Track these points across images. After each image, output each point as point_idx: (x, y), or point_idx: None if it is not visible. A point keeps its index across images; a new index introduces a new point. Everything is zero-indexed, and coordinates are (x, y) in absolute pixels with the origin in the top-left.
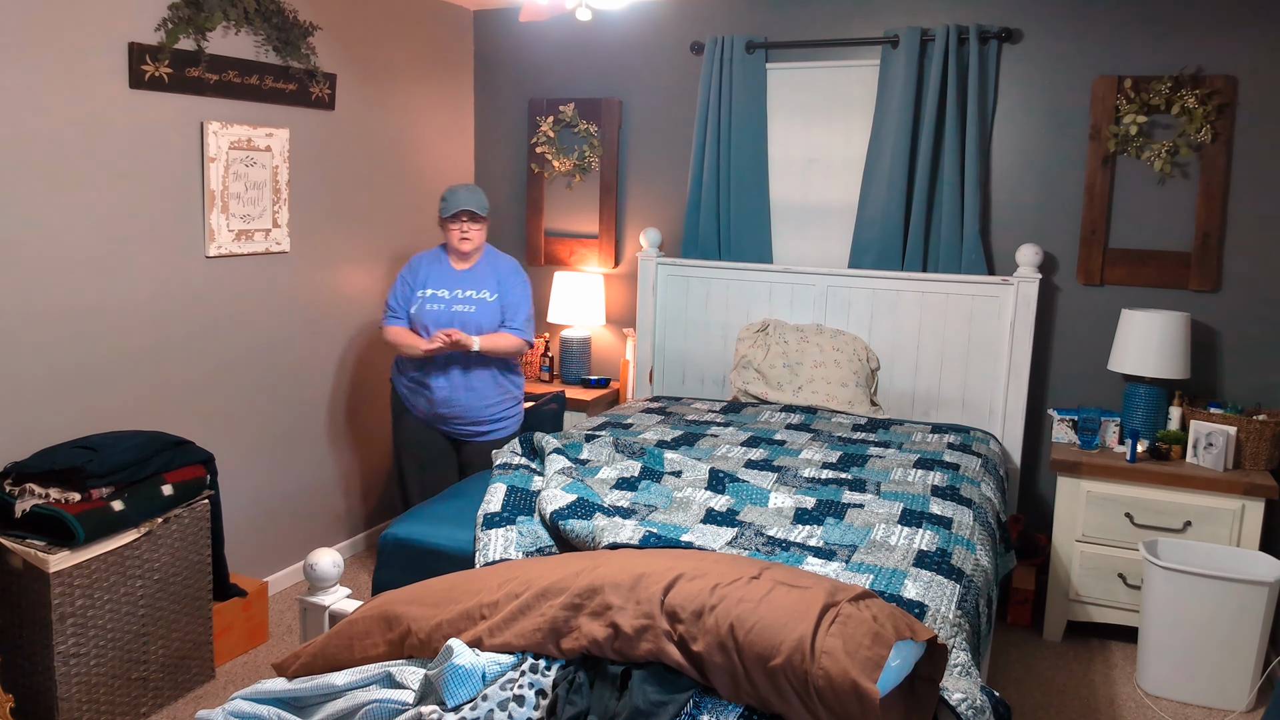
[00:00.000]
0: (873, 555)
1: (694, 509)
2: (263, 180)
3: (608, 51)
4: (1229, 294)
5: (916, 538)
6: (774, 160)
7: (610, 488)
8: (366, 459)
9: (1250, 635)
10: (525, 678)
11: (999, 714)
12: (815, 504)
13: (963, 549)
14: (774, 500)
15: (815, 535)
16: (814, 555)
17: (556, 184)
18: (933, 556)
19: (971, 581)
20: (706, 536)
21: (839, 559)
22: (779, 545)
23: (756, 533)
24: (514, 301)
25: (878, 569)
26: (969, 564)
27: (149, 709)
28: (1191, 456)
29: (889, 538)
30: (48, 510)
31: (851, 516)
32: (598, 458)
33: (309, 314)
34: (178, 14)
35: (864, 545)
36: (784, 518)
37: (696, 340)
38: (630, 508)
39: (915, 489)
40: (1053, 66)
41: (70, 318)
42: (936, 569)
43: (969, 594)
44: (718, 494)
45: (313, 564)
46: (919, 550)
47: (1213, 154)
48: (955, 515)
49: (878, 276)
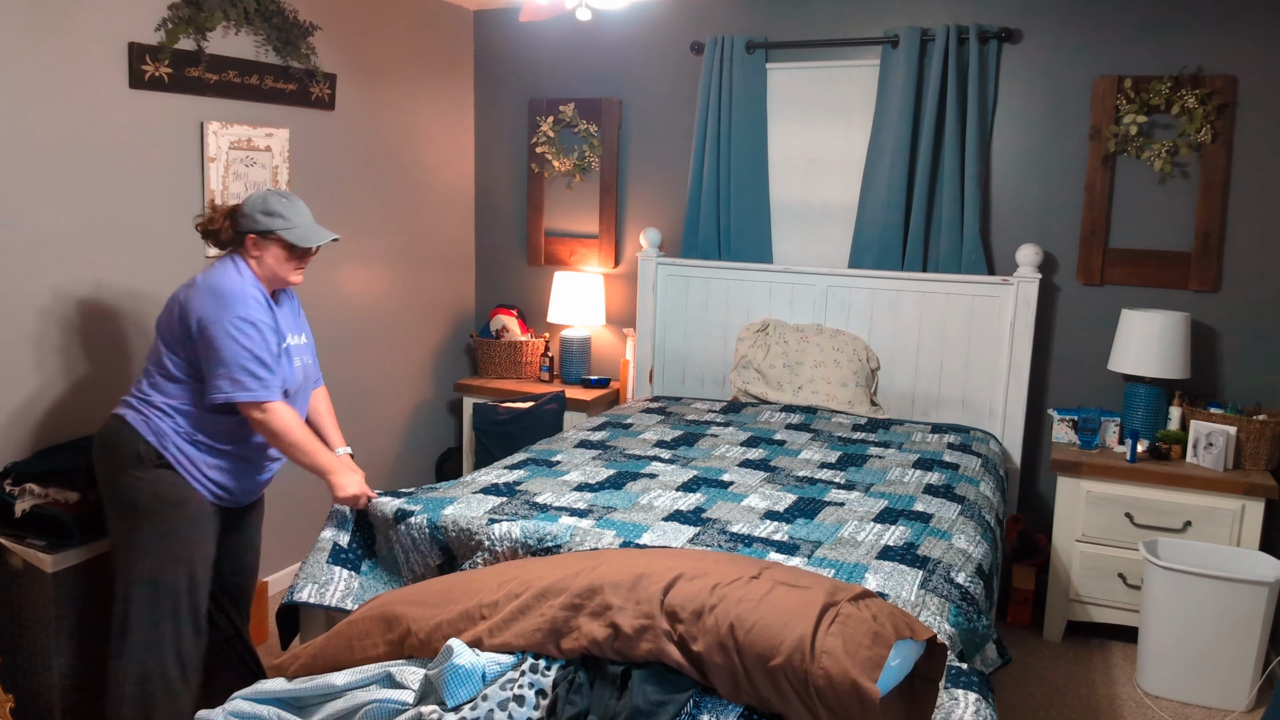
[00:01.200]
0: (836, 551)
1: (658, 509)
2: (263, 180)
3: (608, 51)
4: (1229, 294)
5: (886, 534)
6: (774, 160)
7: (571, 489)
8: (366, 458)
9: (1250, 635)
10: (525, 678)
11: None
12: (793, 501)
13: (934, 539)
14: (749, 499)
15: (781, 531)
16: (776, 550)
17: (556, 184)
18: (898, 550)
19: (939, 563)
20: (667, 534)
21: (801, 553)
22: (741, 541)
23: (720, 530)
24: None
25: (839, 564)
26: (938, 550)
27: None
28: (1191, 456)
29: (857, 534)
30: (48, 510)
31: (826, 514)
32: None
33: (309, 314)
34: (178, 14)
35: (830, 541)
36: (753, 514)
37: (696, 340)
38: (588, 509)
39: (907, 489)
40: (1053, 66)
41: (70, 317)
42: (900, 559)
43: (933, 575)
44: (689, 493)
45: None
46: (885, 545)
47: (1213, 154)
48: (937, 511)
49: (878, 276)
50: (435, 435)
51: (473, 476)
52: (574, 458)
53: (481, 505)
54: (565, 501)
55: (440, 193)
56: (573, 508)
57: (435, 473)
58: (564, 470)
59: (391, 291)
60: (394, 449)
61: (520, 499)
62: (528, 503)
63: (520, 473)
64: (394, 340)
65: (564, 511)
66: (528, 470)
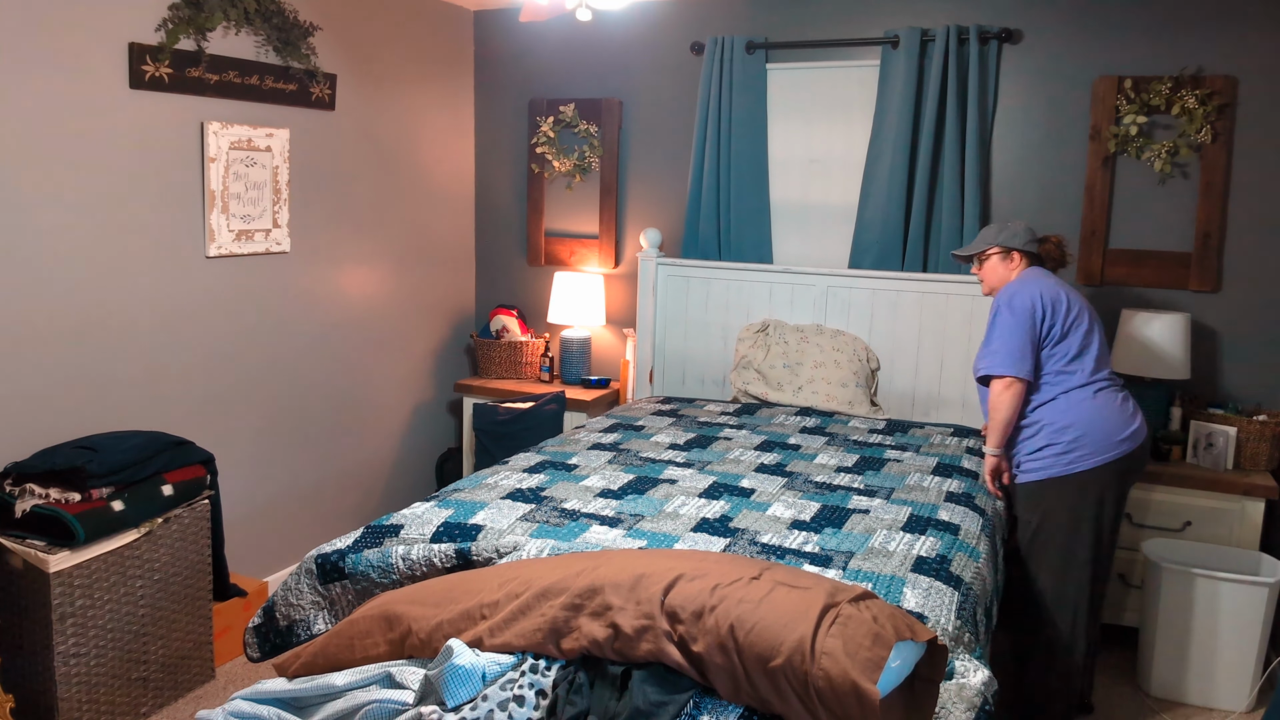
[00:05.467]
0: (870, 562)
1: (684, 518)
2: (263, 180)
3: (608, 51)
4: (1229, 294)
5: (917, 544)
6: (774, 160)
7: (595, 495)
8: (366, 459)
9: (1250, 635)
10: (525, 678)
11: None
12: (817, 510)
13: (964, 555)
14: (773, 508)
15: (811, 542)
16: (810, 562)
17: (556, 184)
18: (932, 563)
19: (971, 588)
20: (699, 545)
21: (835, 565)
22: (773, 552)
23: (750, 540)
24: None
25: (875, 576)
26: (969, 570)
27: (149, 709)
28: (1191, 457)
29: (888, 544)
30: (48, 510)
31: (853, 523)
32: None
33: (309, 314)
34: (178, 14)
35: (861, 552)
36: (780, 524)
37: (696, 340)
38: (616, 516)
39: (928, 495)
40: (1053, 66)
41: (70, 317)
42: (935, 575)
43: (967, 600)
44: (712, 500)
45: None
46: (918, 556)
47: (1213, 154)
48: (963, 523)
49: (878, 277)
50: (435, 435)
51: (494, 480)
52: (590, 461)
53: (513, 512)
54: (592, 508)
55: (440, 193)
56: (601, 515)
57: (435, 473)
58: (583, 474)
59: (391, 291)
60: (394, 449)
61: (548, 505)
62: (556, 509)
63: (541, 477)
64: (394, 340)
65: (593, 520)
66: (547, 474)
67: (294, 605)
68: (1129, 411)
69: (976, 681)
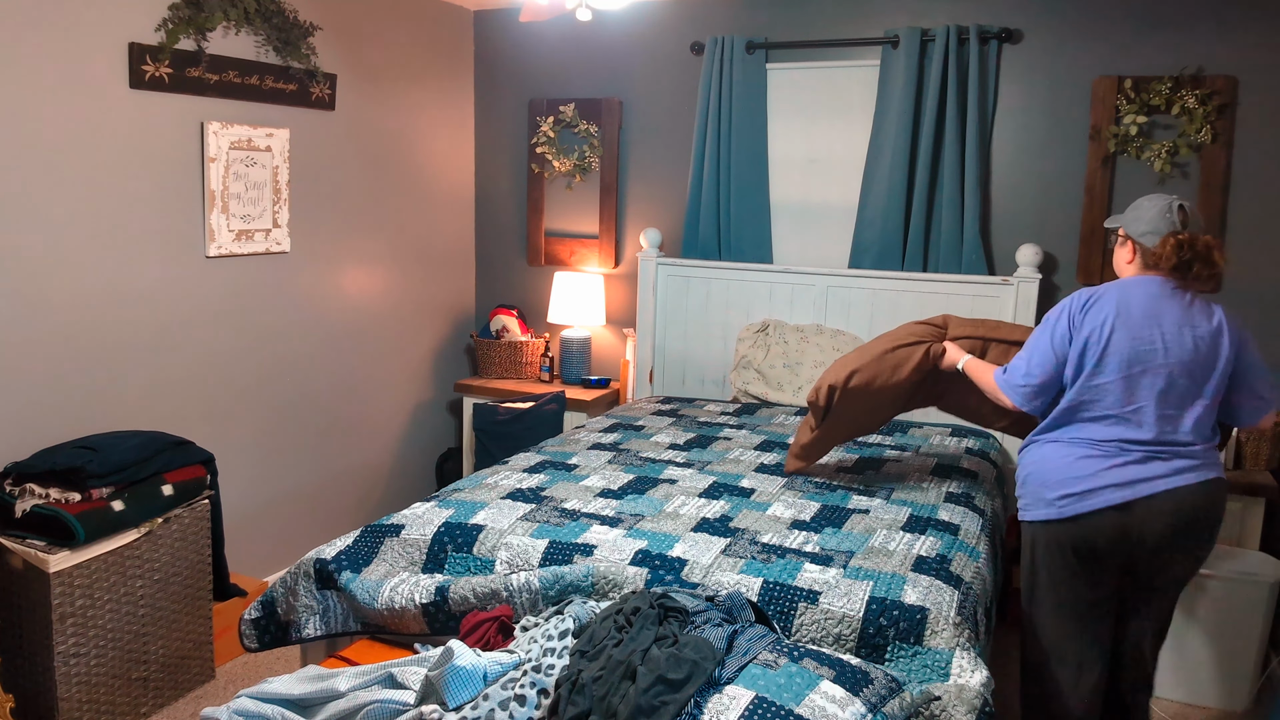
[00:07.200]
0: (870, 560)
1: (684, 518)
2: (263, 180)
3: (608, 51)
4: (1229, 294)
5: (917, 544)
6: (774, 160)
7: (594, 495)
8: (366, 459)
9: (1250, 635)
10: (527, 677)
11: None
12: (817, 510)
13: (964, 555)
14: (773, 508)
15: (812, 542)
16: (810, 562)
17: (556, 184)
18: (932, 562)
19: (971, 588)
20: (698, 545)
21: (836, 565)
22: (774, 552)
23: (751, 540)
24: None
25: (875, 574)
26: (969, 571)
27: (149, 709)
28: None
29: (888, 543)
30: (48, 510)
31: (853, 523)
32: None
33: (309, 314)
34: (178, 14)
35: (861, 551)
36: (780, 524)
37: (696, 340)
38: (616, 516)
39: (927, 496)
40: (1053, 66)
41: (70, 317)
42: (935, 574)
43: (968, 599)
44: (712, 500)
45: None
46: (918, 555)
47: (1213, 154)
48: (963, 523)
49: (878, 277)
50: (435, 435)
51: (494, 480)
52: (590, 461)
53: (513, 512)
54: (592, 508)
55: (440, 193)
56: (601, 515)
57: (435, 472)
58: (583, 474)
59: (391, 291)
60: (394, 449)
61: (548, 505)
62: (556, 509)
63: (541, 477)
64: (394, 340)
65: (594, 519)
66: (548, 474)
67: (291, 605)
68: (1103, 466)
69: (976, 682)
